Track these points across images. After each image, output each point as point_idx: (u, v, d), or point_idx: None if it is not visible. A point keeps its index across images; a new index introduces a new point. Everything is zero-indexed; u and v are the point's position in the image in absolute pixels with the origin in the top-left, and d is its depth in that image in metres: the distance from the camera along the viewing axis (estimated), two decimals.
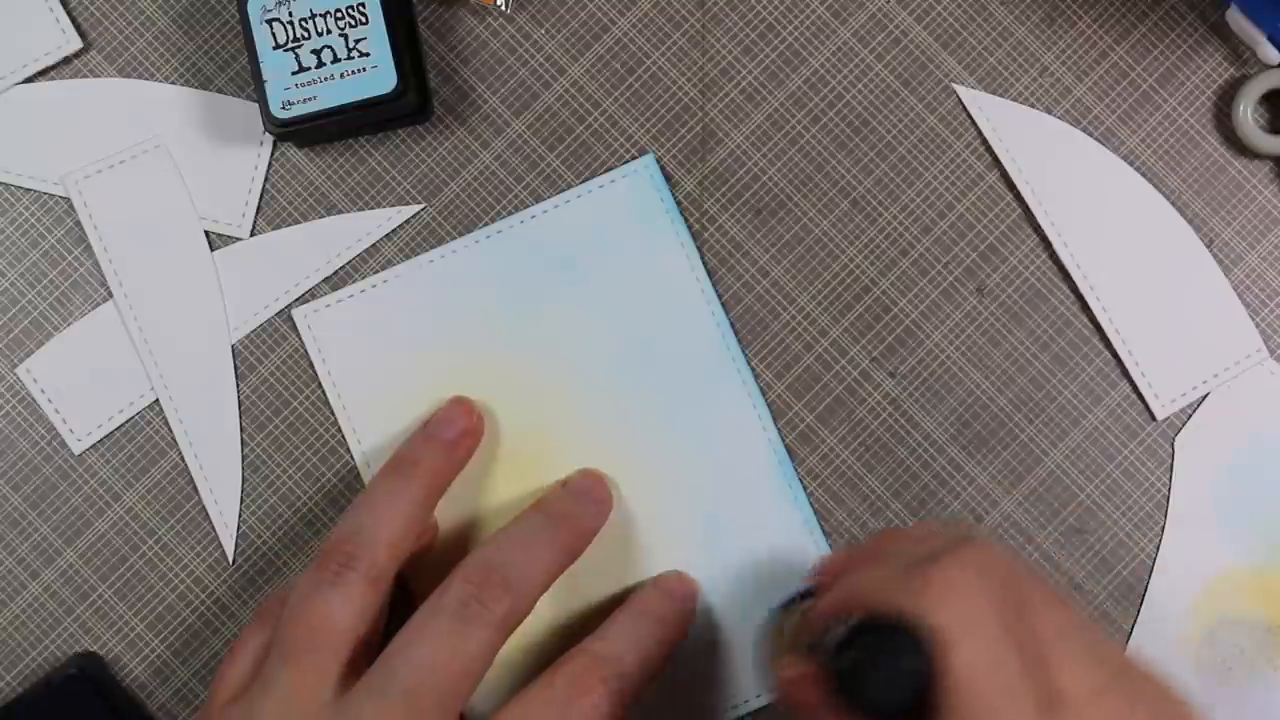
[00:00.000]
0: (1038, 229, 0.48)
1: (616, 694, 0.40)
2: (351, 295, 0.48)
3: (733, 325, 0.47)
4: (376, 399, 0.47)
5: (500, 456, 0.47)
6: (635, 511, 0.47)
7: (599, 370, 0.47)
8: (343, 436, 0.48)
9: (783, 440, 0.47)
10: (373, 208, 0.48)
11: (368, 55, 0.45)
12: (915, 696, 0.33)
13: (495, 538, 0.43)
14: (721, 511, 0.47)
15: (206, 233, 0.48)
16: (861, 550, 0.40)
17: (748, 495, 0.47)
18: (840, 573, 0.39)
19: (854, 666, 0.34)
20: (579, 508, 0.45)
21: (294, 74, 0.45)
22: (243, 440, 0.48)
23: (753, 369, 0.47)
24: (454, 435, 0.45)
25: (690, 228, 0.48)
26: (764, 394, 0.47)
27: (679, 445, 0.47)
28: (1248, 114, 0.47)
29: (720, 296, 0.48)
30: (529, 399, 0.47)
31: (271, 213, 0.48)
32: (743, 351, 0.47)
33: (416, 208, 0.48)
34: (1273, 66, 0.47)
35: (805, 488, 0.47)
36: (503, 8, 0.48)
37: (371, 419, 0.47)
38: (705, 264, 0.48)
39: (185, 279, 0.48)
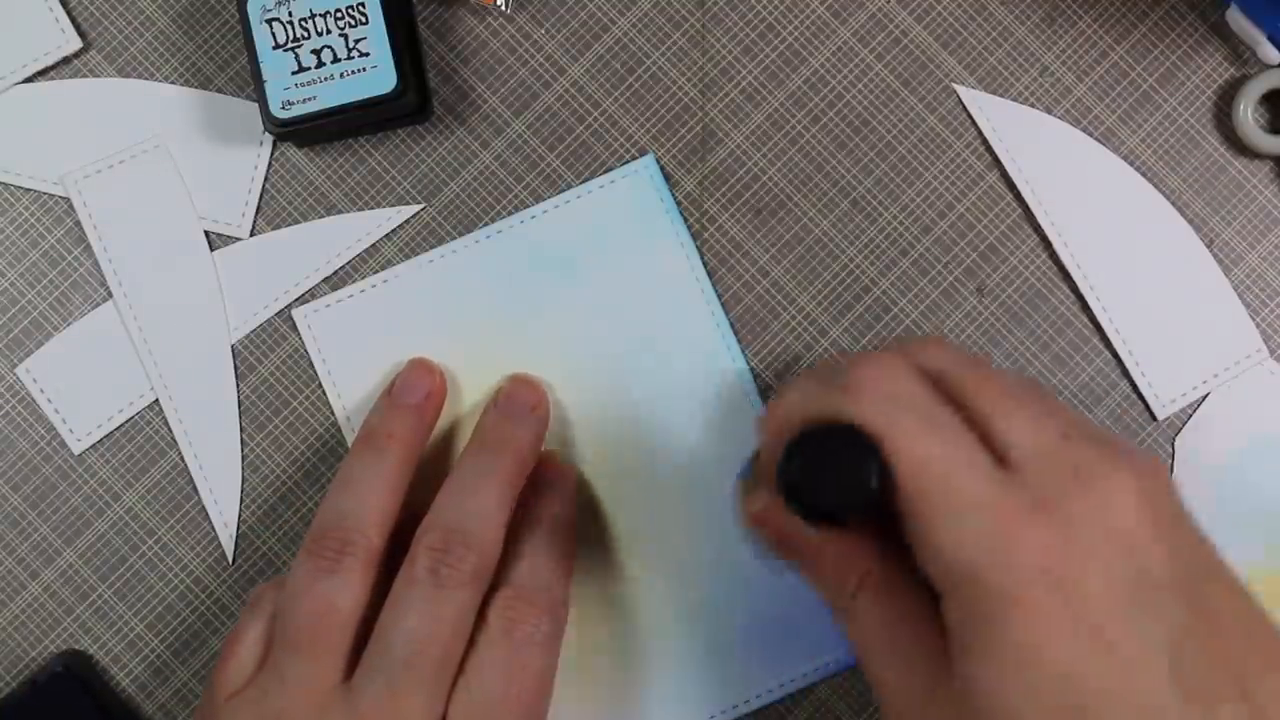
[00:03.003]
0: (1038, 229, 0.48)
1: (553, 617, 0.42)
2: (351, 295, 0.48)
3: (732, 325, 0.47)
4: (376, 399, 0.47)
5: None
6: (633, 511, 0.47)
7: (599, 370, 0.47)
8: (343, 437, 0.48)
9: None
10: (373, 208, 0.48)
11: (368, 55, 0.45)
12: (869, 489, 0.34)
13: (447, 490, 0.43)
14: (721, 511, 0.47)
15: (206, 233, 0.48)
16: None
17: None
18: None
19: (799, 476, 0.34)
20: (514, 427, 0.45)
21: (294, 74, 0.45)
22: (243, 440, 0.48)
23: (752, 369, 0.47)
24: (419, 399, 0.46)
25: (690, 228, 0.48)
26: (764, 395, 0.47)
27: (679, 446, 0.47)
28: (1248, 114, 0.47)
29: (720, 296, 0.48)
30: None
31: (271, 213, 0.48)
32: (743, 352, 0.47)
33: (416, 208, 0.48)
34: (1273, 66, 0.47)
35: None
36: (503, 8, 0.48)
37: None
38: (705, 264, 0.47)
39: (185, 279, 0.48)
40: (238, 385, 0.48)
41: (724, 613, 0.47)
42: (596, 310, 0.47)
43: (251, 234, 0.48)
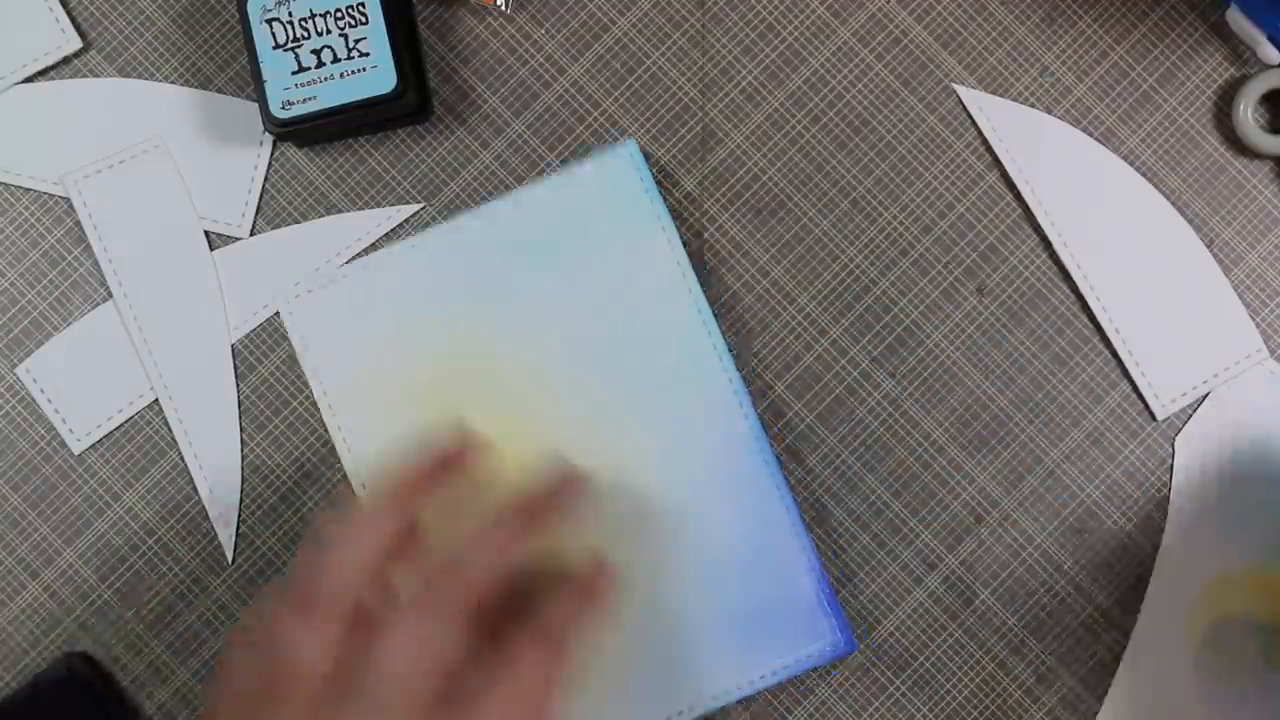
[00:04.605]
0: (1038, 229, 0.48)
1: (556, 664, 0.40)
2: (334, 280, 0.47)
3: (712, 305, 0.47)
4: (359, 383, 0.47)
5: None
6: (612, 489, 0.47)
7: (579, 351, 0.47)
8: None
9: (759, 417, 0.47)
10: (373, 207, 0.48)
11: (367, 55, 0.45)
12: None
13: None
14: (699, 491, 0.46)
15: (206, 233, 0.48)
16: None
17: (724, 474, 0.47)
18: None
19: None
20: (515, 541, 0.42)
21: (294, 74, 0.45)
22: (243, 440, 0.48)
23: (728, 341, 0.47)
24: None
25: (673, 211, 0.48)
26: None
27: (658, 423, 0.47)
28: (1248, 114, 0.47)
29: (700, 278, 0.47)
30: (510, 381, 0.47)
31: (271, 213, 0.48)
32: (719, 324, 0.47)
33: (416, 207, 0.48)
34: (1273, 66, 0.47)
35: (803, 484, 0.47)
36: (503, 8, 0.48)
37: (353, 402, 0.47)
38: (684, 243, 0.47)
39: (185, 279, 0.48)
40: (238, 385, 0.48)
41: (702, 605, 0.46)
42: (578, 291, 0.47)
43: (251, 234, 0.48)
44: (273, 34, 0.45)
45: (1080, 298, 0.47)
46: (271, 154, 0.48)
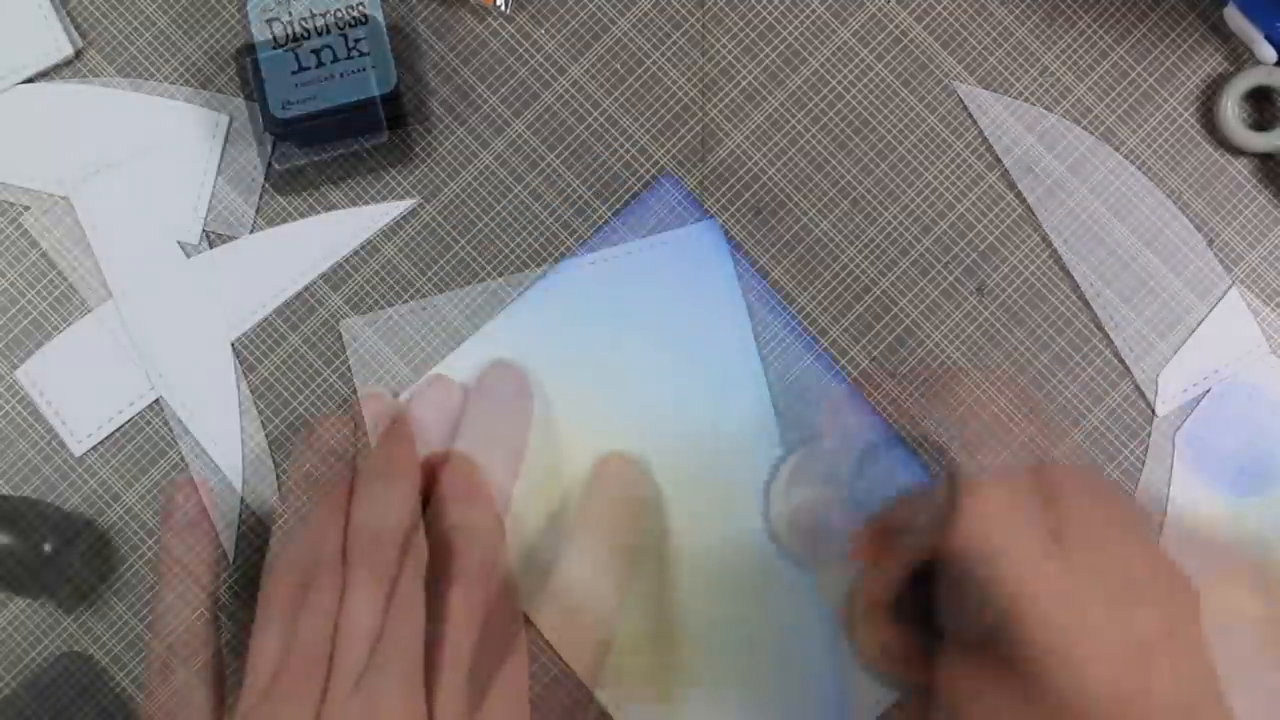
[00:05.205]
0: (1038, 228, 0.48)
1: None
2: (400, 314, 0.47)
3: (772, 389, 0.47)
4: None
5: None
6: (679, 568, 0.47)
7: (644, 429, 0.47)
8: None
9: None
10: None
11: (367, 55, 0.45)
12: None
13: None
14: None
15: (206, 232, 0.48)
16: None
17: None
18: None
19: None
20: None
21: (294, 74, 0.45)
22: (242, 440, 0.48)
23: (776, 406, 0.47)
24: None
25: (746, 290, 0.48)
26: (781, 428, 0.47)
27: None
28: (1232, 110, 0.47)
29: (763, 358, 0.47)
30: (556, 413, 0.47)
31: (271, 212, 0.48)
32: (775, 411, 0.47)
33: (412, 201, 0.48)
34: (1260, 64, 0.47)
35: None
36: (503, 8, 0.48)
37: None
38: (754, 332, 0.47)
39: (185, 278, 0.48)
40: (238, 385, 0.48)
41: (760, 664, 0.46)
42: (649, 363, 0.47)
43: (251, 233, 0.48)
44: (273, 34, 0.45)
45: (1080, 297, 0.47)
46: (271, 154, 0.48)
